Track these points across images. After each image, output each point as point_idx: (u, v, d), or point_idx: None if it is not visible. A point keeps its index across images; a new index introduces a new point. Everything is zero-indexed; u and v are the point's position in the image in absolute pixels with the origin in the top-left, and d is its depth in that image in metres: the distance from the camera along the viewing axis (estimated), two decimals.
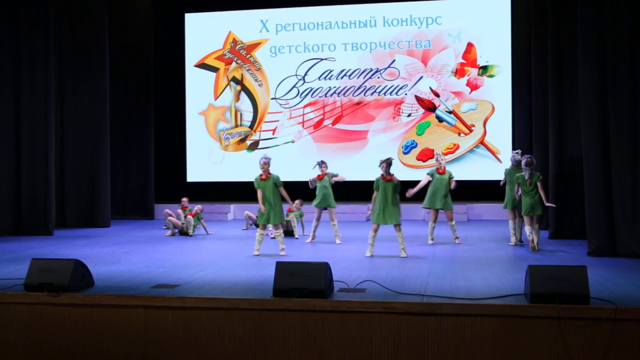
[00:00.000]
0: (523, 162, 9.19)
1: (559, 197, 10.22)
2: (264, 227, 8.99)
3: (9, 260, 8.55)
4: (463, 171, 11.55)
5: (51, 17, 11.97)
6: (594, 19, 8.56)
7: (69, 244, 10.37)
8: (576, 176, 10.01)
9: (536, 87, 11.87)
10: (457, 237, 10.06)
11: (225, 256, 8.85)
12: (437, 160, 10.27)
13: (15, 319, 6.19)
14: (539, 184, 9.05)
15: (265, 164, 8.81)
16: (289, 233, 10.81)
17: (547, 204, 9.22)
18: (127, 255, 8.96)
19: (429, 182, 10.12)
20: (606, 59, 8.47)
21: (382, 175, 8.58)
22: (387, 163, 8.58)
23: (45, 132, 11.85)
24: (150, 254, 9.07)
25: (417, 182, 10.12)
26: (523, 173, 9.16)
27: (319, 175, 10.35)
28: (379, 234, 8.84)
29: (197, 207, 11.81)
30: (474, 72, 14.97)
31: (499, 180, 10.45)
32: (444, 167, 10.14)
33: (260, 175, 8.86)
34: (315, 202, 10.33)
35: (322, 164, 10.39)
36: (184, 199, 11.87)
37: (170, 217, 11.60)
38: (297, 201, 11.18)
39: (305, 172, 11.18)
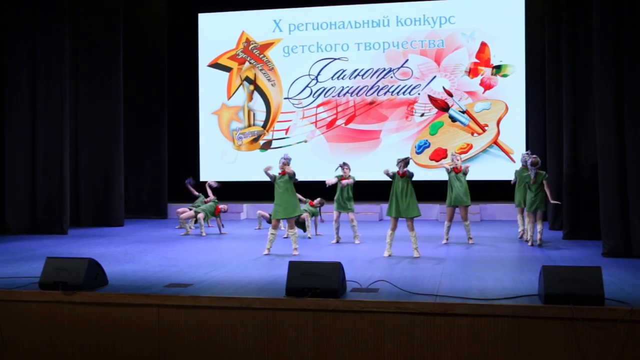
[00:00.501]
0: (529, 162, 9.42)
1: (573, 197, 10.17)
2: (276, 227, 9.00)
3: (24, 258, 8.62)
4: (476, 171, 11.49)
5: (66, 17, 12.04)
6: (610, 19, 8.47)
7: (84, 243, 10.45)
8: (590, 176, 9.93)
9: (550, 86, 11.76)
10: (470, 237, 10.02)
11: (238, 255, 8.87)
12: (452, 160, 10.24)
13: (30, 317, 6.24)
14: (545, 182, 9.28)
15: (285, 164, 8.90)
16: (300, 224, 10.76)
17: (552, 201, 9.50)
18: (140, 255, 9.01)
19: (448, 181, 10.12)
20: (622, 60, 8.38)
21: (397, 171, 8.59)
22: (405, 162, 8.58)
23: (60, 131, 11.93)
24: (163, 253, 9.11)
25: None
26: (529, 173, 9.37)
27: (342, 182, 10.07)
28: None
29: (224, 206, 11.93)
30: (487, 71, 14.90)
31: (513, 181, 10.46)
32: (460, 166, 10.10)
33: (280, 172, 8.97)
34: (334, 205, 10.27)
35: (344, 165, 10.19)
36: (212, 196, 11.96)
37: (182, 215, 11.66)
38: (317, 199, 11.18)
39: (318, 172, 11.16)
